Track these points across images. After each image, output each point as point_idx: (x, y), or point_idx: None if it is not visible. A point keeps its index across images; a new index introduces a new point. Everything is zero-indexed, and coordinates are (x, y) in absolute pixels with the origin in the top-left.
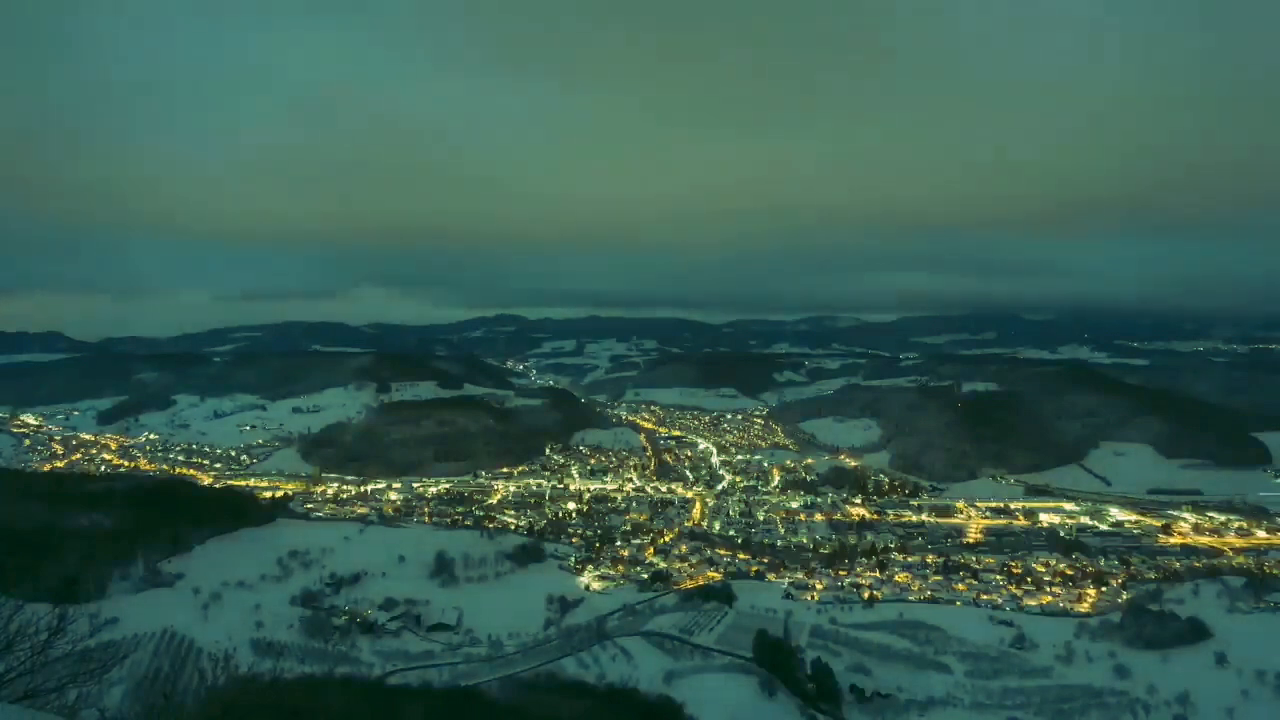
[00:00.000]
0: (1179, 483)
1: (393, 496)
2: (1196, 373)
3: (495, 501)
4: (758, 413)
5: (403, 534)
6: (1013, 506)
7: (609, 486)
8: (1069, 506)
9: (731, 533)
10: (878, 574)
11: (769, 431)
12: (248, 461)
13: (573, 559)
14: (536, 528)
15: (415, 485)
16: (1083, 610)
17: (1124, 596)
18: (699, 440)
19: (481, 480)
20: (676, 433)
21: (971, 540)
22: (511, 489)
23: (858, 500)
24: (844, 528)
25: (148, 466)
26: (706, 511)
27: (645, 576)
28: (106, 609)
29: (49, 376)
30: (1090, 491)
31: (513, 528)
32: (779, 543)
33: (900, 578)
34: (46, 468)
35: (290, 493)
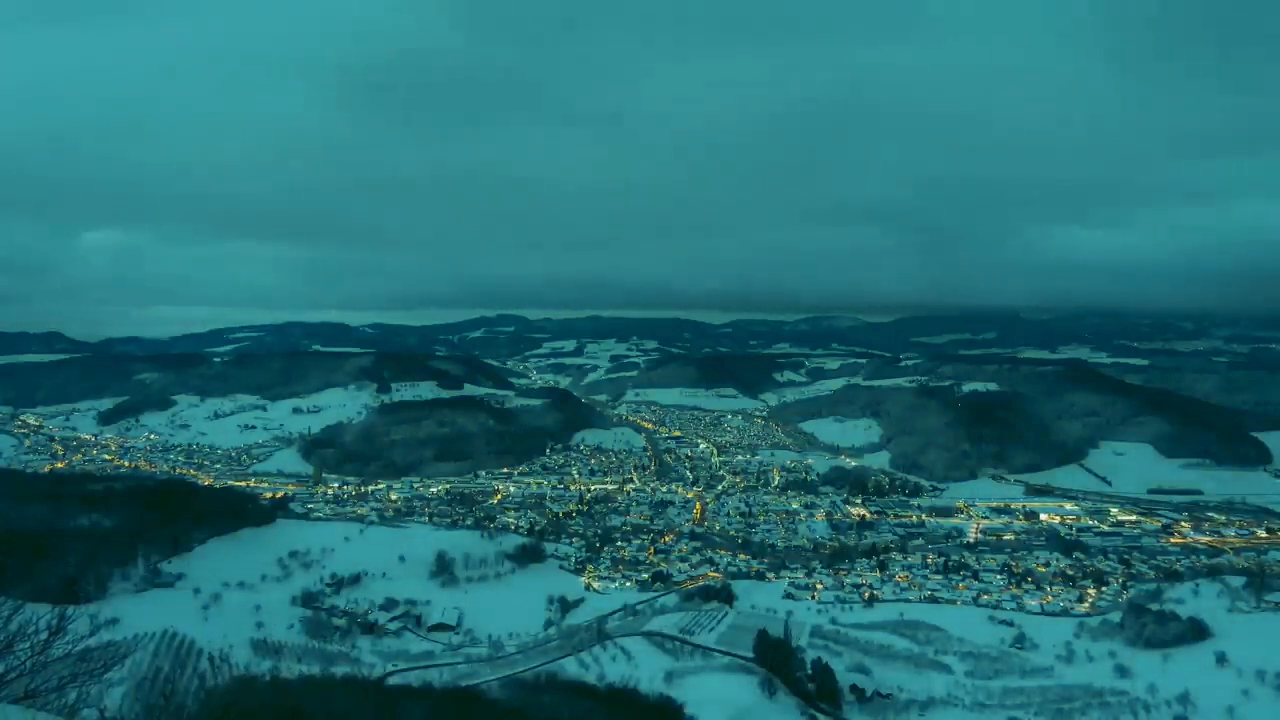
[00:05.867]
0: (1179, 482)
1: (393, 496)
2: (1196, 373)
3: (496, 501)
4: (758, 413)
5: (403, 534)
6: (1013, 506)
7: (609, 486)
8: (1069, 506)
9: (732, 533)
10: (878, 574)
11: (769, 431)
12: (248, 462)
13: (573, 559)
14: (537, 528)
15: (415, 485)
16: (1083, 610)
17: (1124, 596)
18: (699, 440)
19: (482, 480)
20: (676, 433)
21: (971, 540)
22: (512, 489)
23: (858, 500)
24: (844, 528)
25: (148, 467)
26: (707, 512)
27: (646, 577)
28: (107, 609)
29: (49, 376)
30: (1091, 491)
31: (513, 528)
32: (779, 543)
33: (900, 578)
34: (47, 468)
35: (290, 493)
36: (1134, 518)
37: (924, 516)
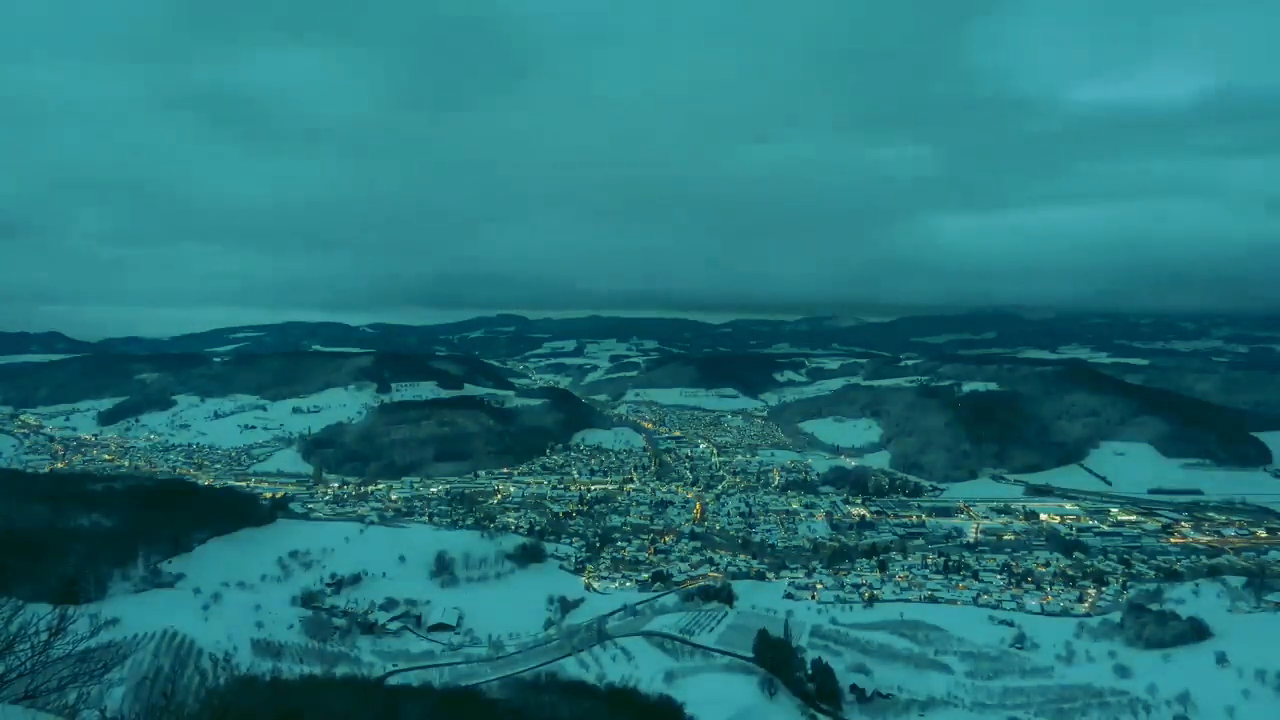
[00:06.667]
0: (1180, 482)
1: (393, 496)
2: (1196, 373)
3: (496, 501)
4: (758, 413)
5: (403, 534)
6: (1013, 506)
7: (609, 486)
8: (1069, 506)
9: (732, 533)
10: (878, 574)
11: (769, 431)
12: (248, 462)
13: (573, 559)
14: (537, 528)
15: (415, 485)
16: (1083, 610)
17: (1124, 596)
18: (699, 440)
19: (482, 480)
20: (676, 433)
21: (972, 540)
22: (512, 489)
23: (858, 500)
24: (844, 528)
25: (148, 467)
26: (707, 512)
27: (646, 577)
28: (107, 609)
29: (49, 376)
30: (1091, 491)
31: (513, 528)
32: (779, 543)
33: (900, 578)
34: (47, 468)
35: (290, 493)
36: (1134, 518)
37: (924, 516)
